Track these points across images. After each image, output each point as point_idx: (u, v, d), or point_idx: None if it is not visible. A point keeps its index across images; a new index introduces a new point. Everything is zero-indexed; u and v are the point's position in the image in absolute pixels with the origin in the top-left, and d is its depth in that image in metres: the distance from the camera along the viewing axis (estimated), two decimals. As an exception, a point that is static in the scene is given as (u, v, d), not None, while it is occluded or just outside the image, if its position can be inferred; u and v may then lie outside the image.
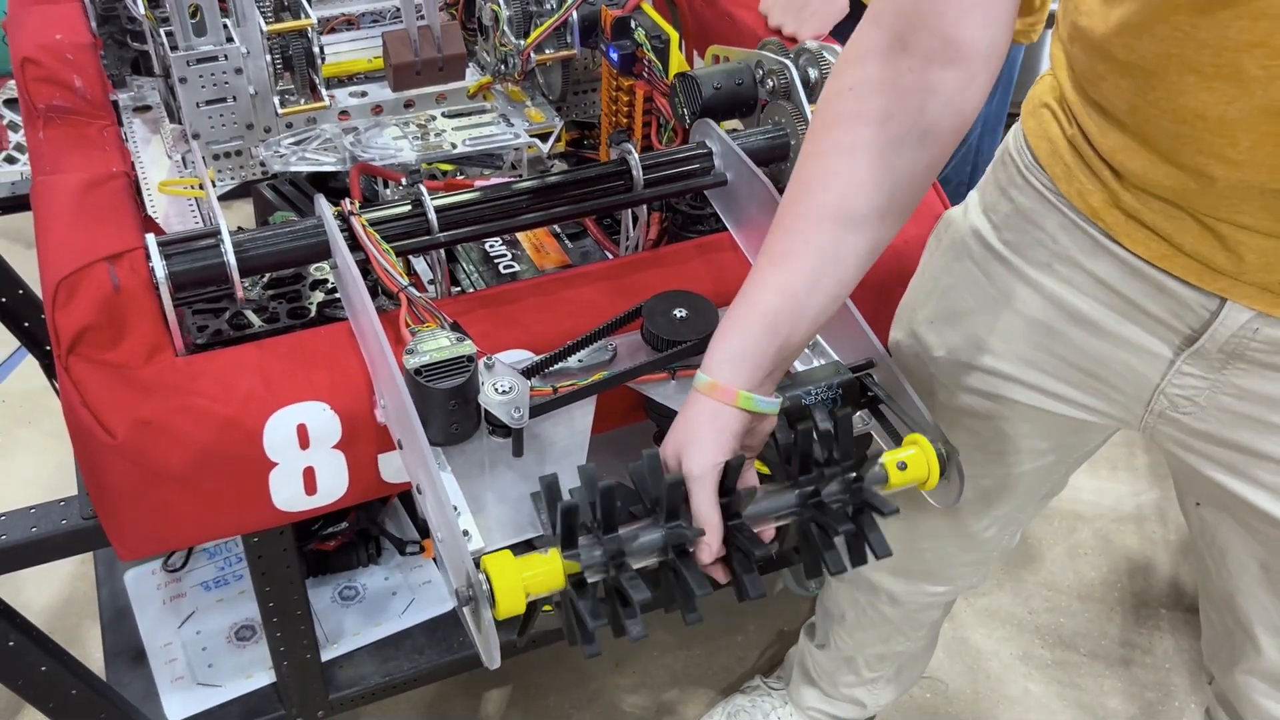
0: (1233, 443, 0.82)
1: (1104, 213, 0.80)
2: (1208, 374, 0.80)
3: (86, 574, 1.73)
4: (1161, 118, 0.71)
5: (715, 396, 0.78)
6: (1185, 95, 0.68)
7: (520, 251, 1.18)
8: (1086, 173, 0.81)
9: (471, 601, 0.71)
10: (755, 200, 1.00)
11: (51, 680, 1.12)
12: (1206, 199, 0.73)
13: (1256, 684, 0.96)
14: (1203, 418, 0.83)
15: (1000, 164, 0.92)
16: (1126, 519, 1.98)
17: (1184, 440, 0.86)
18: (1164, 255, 0.78)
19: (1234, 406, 0.80)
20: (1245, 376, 0.78)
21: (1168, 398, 0.83)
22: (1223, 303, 0.76)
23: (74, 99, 1.13)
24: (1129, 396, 0.87)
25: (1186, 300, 0.78)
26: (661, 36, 1.13)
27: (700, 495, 0.76)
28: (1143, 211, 0.78)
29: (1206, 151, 0.70)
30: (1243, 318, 0.76)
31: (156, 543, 0.91)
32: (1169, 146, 0.72)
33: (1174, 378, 0.82)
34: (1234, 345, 0.77)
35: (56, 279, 0.85)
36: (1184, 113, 0.69)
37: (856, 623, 1.34)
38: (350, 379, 0.88)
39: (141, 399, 0.84)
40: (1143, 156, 0.75)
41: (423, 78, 1.22)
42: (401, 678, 1.38)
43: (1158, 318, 0.81)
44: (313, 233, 0.92)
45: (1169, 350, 0.81)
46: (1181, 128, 0.70)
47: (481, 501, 0.83)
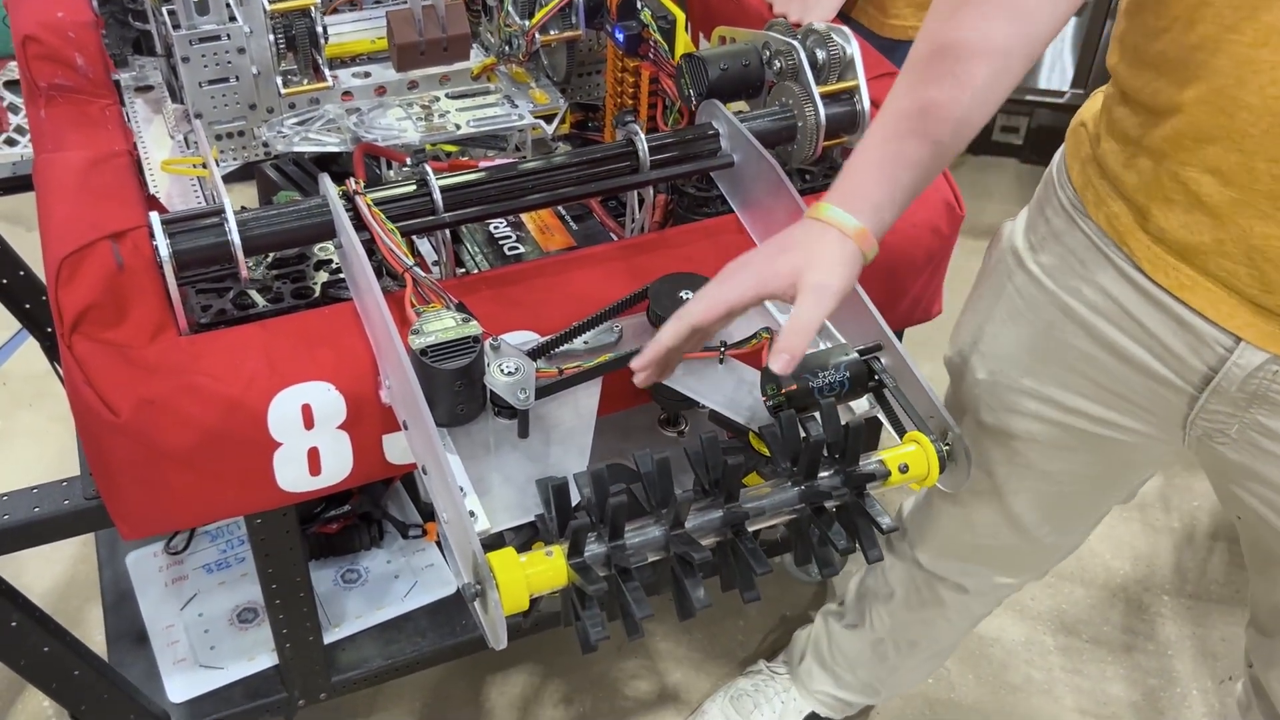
0: (1264, 478, 0.83)
1: (1129, 237, 0.81)
2: (1234, 411, 0.80)
3: (88, 557, 1.73)
4: (1231, 65, 0.71)
5: (861, 244, 0.79)
6: None
7: (525, 233, 1.18)
8: (1113, 193, 0.81)
9: (479, 593, 0.71)
10: (762, 182, 0.99)
11: (54, 660, 1.12)
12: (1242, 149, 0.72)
13: None
14: (1236, 450, 0.83)
15: (1044, 182, 0.93)
16: (1129, 506, 1.97)
17: (1221, 468, 0.87)
18: (1183, 285, 0.78)
19: (1264, 444, 0.81)
20: (1271, 418, 0.79)
21: (1200, 428, 0.84)
22: (1238, 342, 0.77)
23: (76, 77, 1.12)
24: (1165, 421, 0.87)
25: (1203, 335, 0.79)
26: (668, 17, 1.12)
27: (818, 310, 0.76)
28: (1167, 232, 0.77)
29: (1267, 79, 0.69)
30: (1258, 359, 0.76)
31: (159, 522, 0.91)
32: (1220, 85, 0.72)
33: (1201, 413, 0.83)
34: (1254, 386, 0.78)
35: (60, 257, 0.84)
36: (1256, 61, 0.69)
37: (905, 602, 1.31)
38: (355, 359, 0.88)
39: (145, 378, 0.83)
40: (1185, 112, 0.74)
41: (427, 58, 1.21)
42: (404, 660, 1.38)
43: (1175, 352, 0.82)
44: (317, 212, 0.91)
45: (1190, 387, 0.82)
46: (1242, 69, 0.70)
47: (487, 483, 0.83)
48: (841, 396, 0.86)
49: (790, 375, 0.83)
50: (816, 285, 0.76)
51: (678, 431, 1.00)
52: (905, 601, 1.31)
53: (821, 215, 0.80)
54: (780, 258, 0.79)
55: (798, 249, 0.79)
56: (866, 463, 0.81)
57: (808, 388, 0.84)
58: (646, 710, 1.60)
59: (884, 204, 0.80)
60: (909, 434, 0.84)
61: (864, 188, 0.80)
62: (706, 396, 0.90)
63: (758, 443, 0.86)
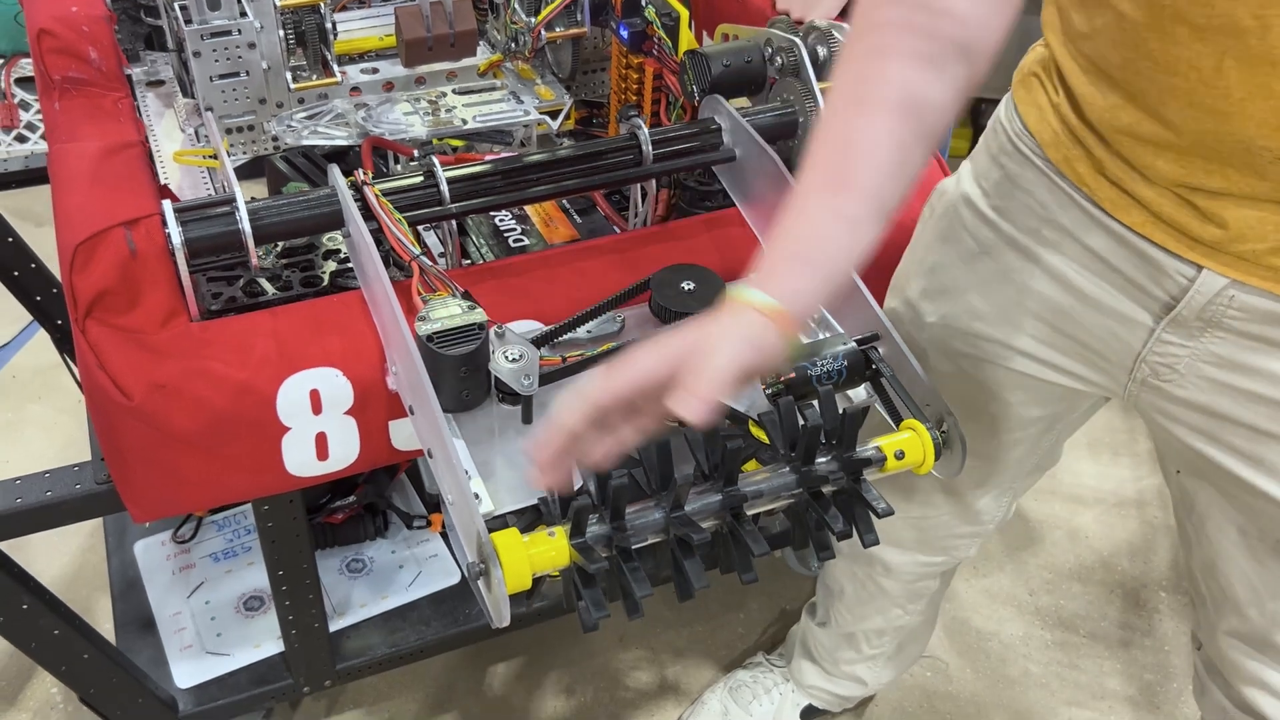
0: (1211, 410, 0.84)
1: (1090, 179, 0.82)
2: (1187, 341, 0.82)
3: (96, 547, 1.75)
4: (1154, 70, 0.72)
5: (777, 322, 0.70)
6: (1179, 46, 0.69)
7: (530, 226, 1.20)
8: (1072, 140, 0.82)
9: (483, 572, 0.72)
10: (763, 176, 1.01)
11: (64, 643, 1.14)
12: (1190, 159, 0.74)
13: (1238, 644, 0.98)
14: (1183, 385, 0.84)
15: (991, 132, 0.93)
16: (1127, 503, 1.99)
17: (1165, 408, 0.87)
18: (1145, 222, 0.80)
19: (1212, 374, 0.82)
20: (1223, 344, 0.80)
21: (1149, 365, 0.85)
22: (1200, 270, 0.78)
23: (89, 71, 1.14)
24: (1113, 364, 0.88)
25: (1165, 267, 0.80)
26: (672, 14, 1.14)
27: (719, 377, 0.68)
28: (1125, 180, 0.79)
29: (1198, 104, 0.70)
30: (1218, 284, 0.77)
31: (170, 505, 0.92)
32: (1158, 100, 0.73)
33: (1155, 345, 0.84)
34: (1211, 313, 0.79)
35: (74, 243, 0.86)
36: (1177, 64, 0.70)
37: (856, 597, 1.35)
38: (363, 346, 0.90)
39: (157, 362, 0.85)
40: (1130, 112, 0.76)
41: (434, 53, 1.23)
42: (408, 649, 1.40)
43: (1139, 285, 0.83)
44: (326, 202, 0.93)
45: (1149, 318, 0.83)
46: (1174, 79, 0.71)
47: (491, 467, 0.84)
48: (839, 385, 0.88)
49: (789, 364, 0.85)
50: (717, 370, 0.68)
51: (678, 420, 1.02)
52: (856, 596, 1.35)
53: (739, 297, 0.72)
54: (670, 340, 0.71)
55: (694, 329, 0.71)
56: (863, 449, 0.83)
57: (806, 376, 0.86)
58: (647, 701, 1.62)
59: (809, 281, 0.73)
60: (905, 421, 0.86)
61: (784, 265, 0.73)
62: (707, 385, 0.92)
63: (757, 430, 0.87)
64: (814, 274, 0.73)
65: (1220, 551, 0.95)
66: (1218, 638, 1.00)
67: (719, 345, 0.69)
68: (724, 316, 0.71)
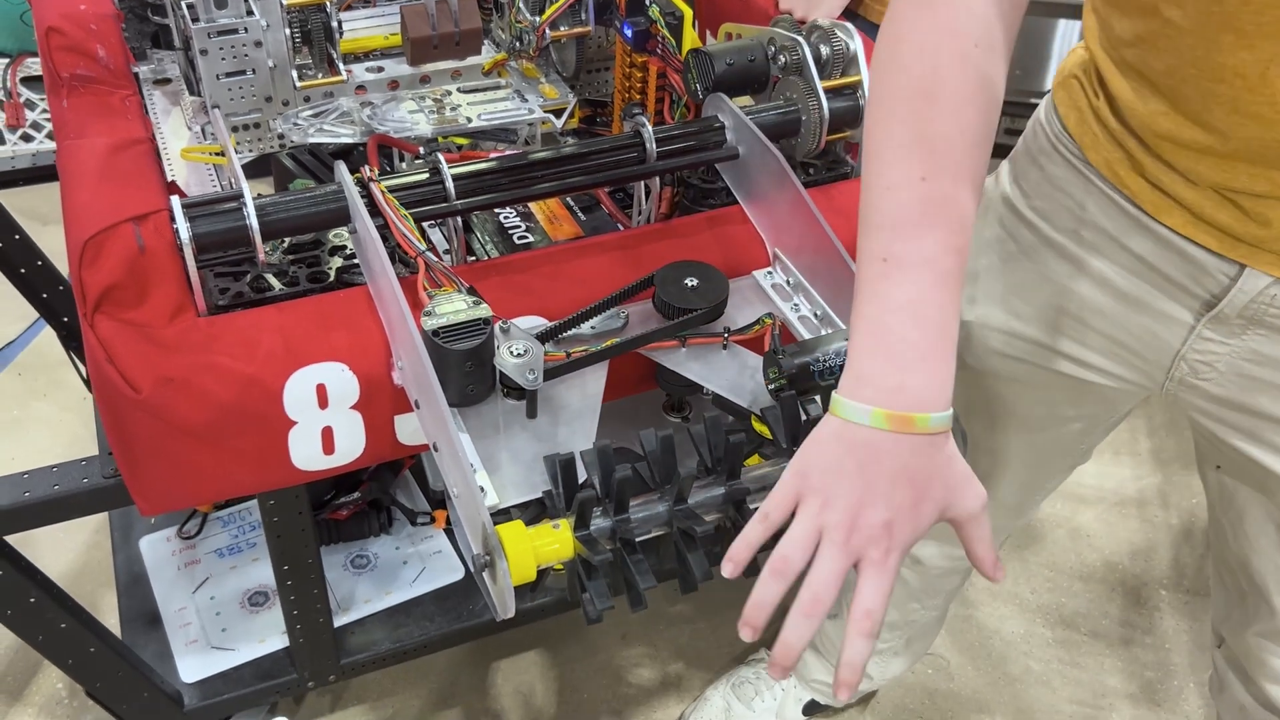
0: (1250, 408, 0.84)
1: (1130, 182, 0.82)
2: (1227, 339, 0.82)
3: (101, 543, 1.76)
4: (1199, 77, 0.72)
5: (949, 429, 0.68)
6: (1224, 53, 0.69)
7: (534, 223, 1.20)
8: (1112, 143, 0.83)
9: (488, 564, 0.73)
10: (766, 174, 1.02)
11: (70, 637, 1.15)
12: (1233, 164, 0.74)
13: (1269, 644, 0.98)
14: (1222, 383, 0.84)
15: (1031, 133, 0.94)
16: (1129, 503, 2.00)
17: (1204, 407, 0.88)
18: (1186, 223, 0.80)
19: (1252, 372, 0.82)
20: (1264, 342, 0.80)
21: (1188, 364, 0.85)
22: (1242, 269, 0.78)
23: (97, 68, 1.15)
24: (1151, 363, 0.88)
25: (1207, 266, 0.80)
26: (676, 13, 1.15)
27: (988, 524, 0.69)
28: (1166, 182, 0.79)
29: (1243, 110, 0.71)
30: (1261, 283, 0.77)
31: (177, 498, 0.93)
32: (1201, 106, 0.73)
33: (1194, 343, 0.84)
34: (1253, 310, 0.79)
35: (83, 238, 0.87)
36: (1222, 71, 0.70)
37: None
38: (369, 341, 0.90)
39: (165, 356, 0.86)
40: (1173, 119, 0.76)
41: (439, 52, 1.24)
42: (412, 644, 1.41)
43: (1179, 284, 0.83)
44: (333, 198, 0.94)
45: (1190, 316, 0.83)
46: (1218, 86, 0.71)
47: (496, 461, 0.85)
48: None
49: (792, 360, 0.86)
50: (976, 512, 0.70)
51: (682, 417, 1.03)
52: None
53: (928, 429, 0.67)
54: (925, 509, 0.68)
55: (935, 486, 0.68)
56: None
57: (809, 371, 0.86)
58: (649, 697, 1.63)
59: (953, 366, 0.69)
60: (907, 416, 0.87)
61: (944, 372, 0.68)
62: (710, 380, 0.92)
63: (760, 426, 0.88)
64: (954, 364, 0.69)
65: (1257, 548, 0.95)
66: (1246, 635, 1.00)
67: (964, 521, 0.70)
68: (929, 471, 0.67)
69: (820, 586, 0.66)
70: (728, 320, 0.96)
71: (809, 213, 0.96)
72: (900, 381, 0.67)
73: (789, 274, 1.01)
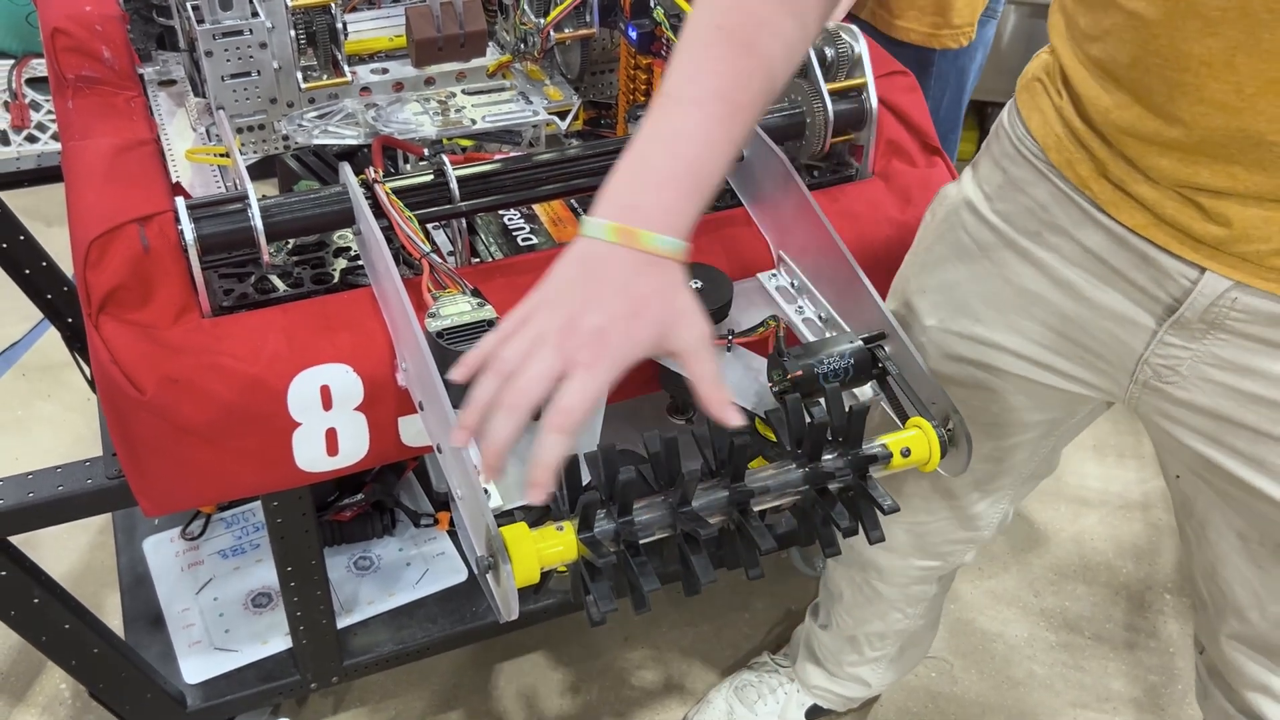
0: (1213, 413, 0.84)
1: (1091, 182, 0.82)
2: (1189, 344, 0.82)
3: (105, 544, 1.76)
4: (1164, 67, 0.72)
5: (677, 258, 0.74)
6: (1189, 41, 0.70)
7: (539, 225, 1.20)
8: (1075, 143, 0.83)
9: (491, 565, 0.73)
10: (771, 176, 1.02)
11: (74, 638, 1.15)
12: (1196, 159, 0.74)
13: (1240, 648, 0.98)
14: (1184, 387, 0.84)
15: (994, 137, 0.94)
16: (1133, 505, 1.99)
17: (1166, 410, 0.87)
18: (1147, 225, 0.80)
19: (1214, 376, 0.82)
20: (1225, 346, 0.80)
21: (1151, 367, 0.85)
22: (1202, 272, 0.78)
23: (102, 69, 1.15)
24: (1114, 367, 0.88)
25: (1168, 269, 0.80)
26: (680, 15, 1.15)
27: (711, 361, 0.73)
28: (1128, 182, 0.79)
29: (1208, 100, 0.71)
30: (1221, 286, 0.77)
31: (181, 499, 0.93)
32: (1166, 97, 0.73)
33: (1157, 347, 0.84)
34: (1214, 315, 0.79)
35: (88, 239, 0.87)
36: (1187, 60, 0.70)
37: (854, 601, 1.36)
38: (373, 342, 0.90)
39: (169, 357, 0.86)
40: (1136, 113, 0.76)
41: (444, 54, 1.24)
42: (415, 646, 1.41)
43: (1141, 287, 0.83)
44: (337, 200, 0.94)
45: (1151, 320, 0.83)
46: (1184, 76, 0.71)
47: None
48: (846, 383, 0.88)
49: (796, 362, 0.86)
50: (696, 343, 0.75)
51: (685, 419, 1.03)
52: (853, 599, 1.36)
53: (652, 247, 0.73)
54: (638, 325, 0.73)
55: (655, 302, 0.73)
56: (869, 446, 0.84)
57: (813, 374, 0.87)
58: (652, 700, 1.63)
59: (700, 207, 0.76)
60: (911, 419, 0.87)
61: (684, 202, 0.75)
62: (714, 383, 0.92)
63: (764, 428, 0.88)
64: (702, 201, 0.76)
65: (1220, 555, 0.95)
66: (1220, 641, 1.00)
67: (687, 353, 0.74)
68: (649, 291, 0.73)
69: (526, 383, 0.71)
70: (732, 322, 0.96)
71: (813, 215, 0.96)
72: (636, 201, 0.74)
73: (793, 276, 1.01)
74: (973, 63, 1.76)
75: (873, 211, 1.09)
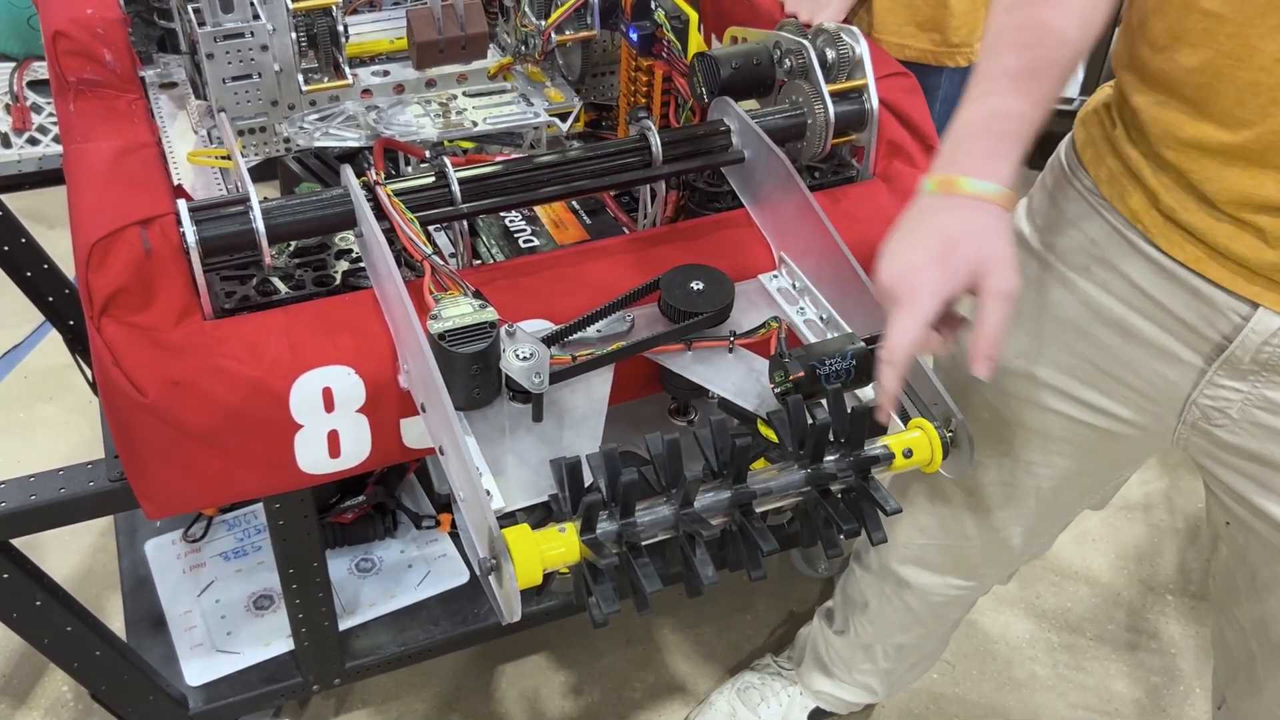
0: (1263, 458, 0.82)
1: (1143, 214, 0.81)
2: (1240, 385, 0.80)
3: (106, 547, 1.76)
4: (1235, 68, 0.72)
5: (1009, 206, 0.77)
6: (1265, 39, 0.69)
7: (540, 227, 1.20)
8: (1127, 175, 0.82)
9: (494, 567, 0.73)
10: (772, 177, 1.02)
11: (76, 640, 1.15)
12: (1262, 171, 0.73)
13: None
14: (1234, 431, 0.83)
15: (1049, 170, 0.93)
16: (1134, 507, 1.99)
17: (1215, 454, 0.86)
18: (1199, 258, 0.79)
19: (1266, 420, 0.81)
20: (1277, 390, 0.79)
21: (1200, 409, 0.84)
22: (1255, 308, 0.77)
23: (104, 72, 1.15)
24: (1161, 407, 0.87)
25: (1219, 304, 0.79)
26: (681, 17, 1.15)
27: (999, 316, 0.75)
28: (1179, 211, 0.78)
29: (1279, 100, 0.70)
30: (1274, 324, 0.76)
31: (183, 501, 0.93)
32: (1235, 100, 0.73)
33: (1205, 388, 0.82)
34: (1265, 355, 0.78)
35: (90, 242, 0.87)
36: (1262, 58, 0.70)
37: (879, 612, 1.35)
38: (375, 344, 0.90)
39: (171, 360, 0.86)
40: (1198, 125, 0.75)
41: (446, 56, 1.24)
42: (417, 648, 1.41)
43: (1189, 324, 0.81)
44: (339, 202, 0.94)
45: (1199, 359, 0.82)
46: (1258, 75, 0.71)
47: (502, 464, 0.85)
48: (848, 384, 0.88)
49: (798, 363, 0.86)
50: (999, 292, 0.75)
51: (687, 420, 1.03)
52: (879, 610, 1.35)
53: (969, 190, 0.77)
54: (954, 259, 0.76)
55: (967, 242, 0.76)
56: (872, 447, 0.84)
57: (815, 375, 0.86)
58: (654, 702, 1.63)
59: (1019, 160, 0.79)
60: (913, 420, 0.86)
61: (1000, 149, 0.78)
62: (716, 384, 0.92)
63: (766, 430, 0.88)
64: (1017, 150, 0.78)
65: (1270, 608, 0.93)
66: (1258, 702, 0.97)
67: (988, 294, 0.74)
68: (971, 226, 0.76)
69: None
70: (733, 324, 0.96)
71: (815, 216, 0.96)
72: (954, 156, 0.79)
73: (795, 277, 1.01)
74: None
75: (874, 213, 1.09)
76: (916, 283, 0.75)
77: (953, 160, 0.79)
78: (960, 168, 0.78)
